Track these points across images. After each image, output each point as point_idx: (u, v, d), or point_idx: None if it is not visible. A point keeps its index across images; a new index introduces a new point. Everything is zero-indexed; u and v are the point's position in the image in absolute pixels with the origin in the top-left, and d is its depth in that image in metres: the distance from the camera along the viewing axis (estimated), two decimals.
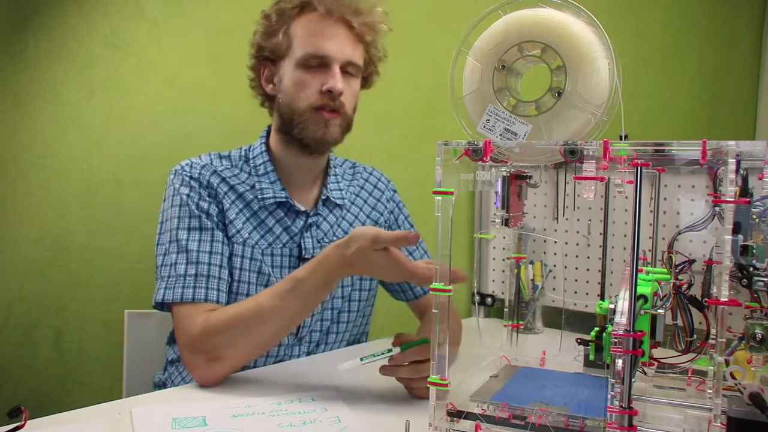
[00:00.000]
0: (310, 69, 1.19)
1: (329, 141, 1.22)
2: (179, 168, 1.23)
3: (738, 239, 0.74)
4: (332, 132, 1.21)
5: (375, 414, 0.97)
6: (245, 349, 1.08)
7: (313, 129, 1.20)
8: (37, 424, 0.89)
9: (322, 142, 1.21)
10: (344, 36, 1.21)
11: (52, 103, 1.70)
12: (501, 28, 0.83)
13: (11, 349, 1.71)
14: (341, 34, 1.20)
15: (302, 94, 1.19)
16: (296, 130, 1.21)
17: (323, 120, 1.20)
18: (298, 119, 1.20)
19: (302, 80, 1.19)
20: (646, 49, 1.80)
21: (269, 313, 1.06)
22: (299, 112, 1.20)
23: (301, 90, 1.19)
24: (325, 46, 1.18)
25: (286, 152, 1.26)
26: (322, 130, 1.20)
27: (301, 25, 1.20)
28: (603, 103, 0.79)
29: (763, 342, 0.72)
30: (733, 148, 0.68)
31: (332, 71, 1.19)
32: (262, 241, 1.22)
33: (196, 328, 1.08)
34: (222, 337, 1.07)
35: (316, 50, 1.18)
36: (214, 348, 1.06)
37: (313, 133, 1.20)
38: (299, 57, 1.19)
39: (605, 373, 0.78)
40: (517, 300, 1.12)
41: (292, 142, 1.24)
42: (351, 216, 1.34)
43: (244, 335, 1.07)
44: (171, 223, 1.18)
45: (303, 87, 1.19)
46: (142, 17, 1.72)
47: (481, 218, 1.80)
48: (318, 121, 1.19)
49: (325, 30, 1.19)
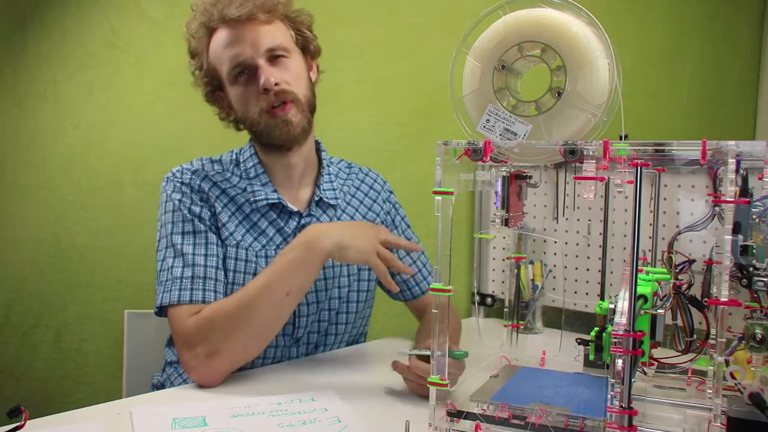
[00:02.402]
0: (241, 79, 1.20)
1: (294, 133, 1.22)
2: (170, 175, 1.24)
3: (738, 239, 0.74)
4: (294, 123, 1.21)
5: (375, 414, 0.97)
6: (242, 339, 1.08)
7: (276, 131, 1.20)
8: (37, 424, 0.89)
9: (288, 138, 1.22)
10: (250, 31, 1.19)
11: (52, 103, 1.70)
12: (501, 28, 0.83)
13: (11, 349, 1.71)
14: (246, 31, 1.19)
15: (248, 106, 1.21)
16: (263, 138, 1.23)
17: (278, 120, 1.20)
18: (258, 128, 1.21)
19: (241, 93, 1.21)
20: (646, 49, 1.80)
21: (259, 296, 1.08)
22: (255, 121, 1.21)
23: (245, 103, 1.21)
24: (238, 52, 1.18)
25: (267, 157, 1.28)
26: (283, 128, 1.20)
27: (213, 47, 1.22)
28: (603, 103, 0.79)
29: (763, 342, 0.72)
30: (733, 148, 0.68)
31: (260, 70, 1.18)
32: (256, 243, 1.22)
33: (190, 324, 1.09)
34: (217, 329, 1.07)
35: (233, 60, 1.19)
36: (210, 341, 1.07)
37: (277, 134, 1.21)
38: (227, 75, 1.21)
39: (605, 373, 0.78)
40: (517, 300, 1.12)
41: (267, 147, 1.26)
42: (346, 217, 1.33)
43: (239, 322, 1.08)
44: (166, 228, 1.19)
45: (245, 99, 1.21)
46: (142, 17, 1.72)
47: (481, 218, 1.80)
48: (275, 123, 1.20)
49: (229, 38, 1.19)
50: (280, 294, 1.09)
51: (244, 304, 1.09)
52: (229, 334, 1.07)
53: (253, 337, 1.10)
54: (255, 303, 1.08)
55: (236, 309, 1.08)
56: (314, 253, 1.10)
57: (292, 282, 1.10)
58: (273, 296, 1.09)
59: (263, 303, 1.09)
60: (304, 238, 1.12)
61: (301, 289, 1.13)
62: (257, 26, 1.19)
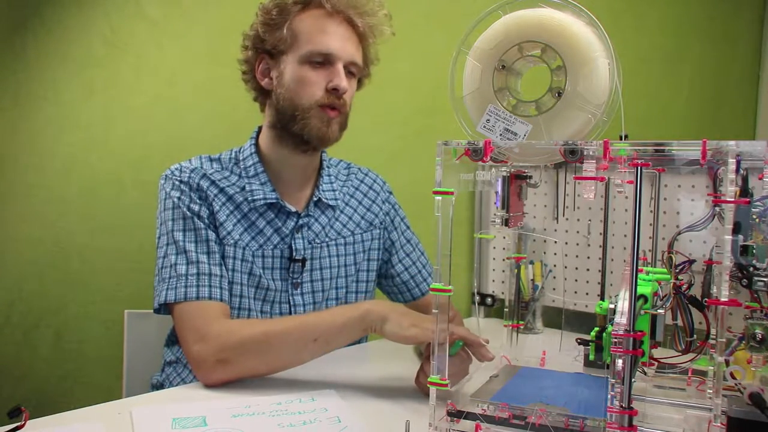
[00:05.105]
0: (314, 66, 1.19)
1: (331, 138, 1.22)
2: (169, 172, 1.24)
3: (738, 239, 0.74)
4: (334, 130, 1.21)
5: (375, 414, 0.97)
6: (254, 362, 1.08)
7: (317, 126, 1.19)
8: (37, 424, 0.89)
9: (324, 139, 1.21)
10: (349, 35, 1.21)
11: (52, 103, 1.70)
12: (501, 28, 0.83)
13: (11, 349, 1.71)
14: (346, 33, 1.20)
15: (307, 91, 1.19)
16: (297, 126, 1.20)
17: (327, 117, 1.20)
18: (301, 115, 1.19)
19: (307, 77, 1.19)
20: (646, 49, 1.80)
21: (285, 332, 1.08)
22: (303, 108, 1.19)
23: (305, 87, 1.19)
24: (332, 44, 1.18)
25: (278, 150, 1.26)
26: (325, 127, 1.20)
27: (306, 21, 1.20)
28: (603, 103, 0.79)
29: (763, 342, 0.72)
30: (733, 148, 0.68)
31: (336, 69, 1.18)
32: (253, 242, 1.22)
33: (214, 330, 1.08)
34: (236, 344, 1.07)
35: (323, 47, 1.18)
36: (225, 350, 1.06)
37: (317, 131, 1.20)
38: (304, 53, 1.18)
39: (605, 373, 0.78)
40: (517, 300, 1.12)
41: (287, 138, 1.23)
42: (345, 217, 1.33)
43: (259, 346, 1.08)
44: (166, 226, 1.19)
45: (307, 84, 1.19)
46: (142, 17, 1.72)
47: (481, 218, 1.80)
48: (322, 118, 1.19)
49: (331, 28, 1.19)
50: (309, 338, 1.08)
51: (271, 332, 1.08)
52: (246, 353, 1.07)
53: (265, 364, 1.10)
54: (280, 335, 1.08)
55: (261, 334, 1.08)
56: (364, 327, 1.08)
57: (329, 334, 1.08)
58: (303, 337, 1.08)
59: (288, 339, 1.08)
60: (368, 311, 1.08)
61: (330, 344, 1.10)
62: (354, 34, 1.21)
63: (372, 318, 1.06)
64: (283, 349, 1.09)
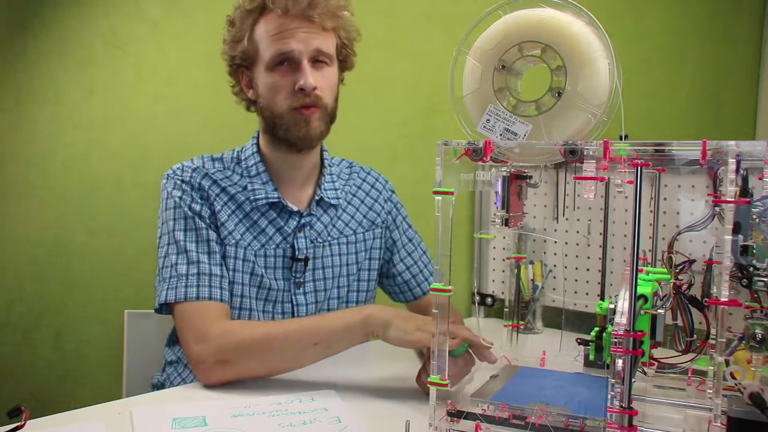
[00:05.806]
0: (279, 69, 1.19)
1: (314, 136, 1.22)
2: (171, 172, 1.24)
3: (738, 239, 0.74)
4: (314, 127, 1.21)
5: (375, 414, 0.97)
6: (255, 364, 1.08)
7: (295, 129, 1.20)
8: (37, 424, 0.89)
9: (307, 139, 1.21)
10: (306, 29, 1.19)
11: (52, 103, 1.70)
12: (501, 28, 0.83)
13: (11, 349, 1.71)
14: (303, 28, 1.19)
15: (278, 98, 1.20)
16: (280, 132, 1.21)
17: (303, 118, 1.19)
18: (279, 122, 1.20)
19: (274, 83, 1.19)
20: (646, 49, 1.80)
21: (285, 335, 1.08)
22: (279, 114, 1.20)
23: (275, 93, 1.20)
24: (288, 44, 1.18)
25: (275, 152, 1.27)
26: (304, 129, 1.20)
27: (263, 28, 1.20)
28: (603, 103, 0.79)
29: (763, 342, 0.72)
30: (733, 148, 0.68)
31: (301, 67, 1.18)
32: (255, 242, 1.22)
33: (214, 330, 1.09)
34: (238, 345, 1.07)
35: (282, 48, 1.18)
36: (225, 351, 1.07)
37: (296, 133, 1.20)
38: (267, 60, 1.19)
39: (605, 373, 0.78)
40: (517, 300, 1.12)
41: (278, 142, 1.24)
42: (347, 216, 1.33)
43: (260, 347, 1.08)
44: (167, 225, 1.19)
45: (277, 90, 1.19)
46: (142, 17, 1.72)
47: (481, 218, 1.80)
48: (298, 121, 1.19)
49: (285, 28, 1.18)
50: (309, 341, 1.08)
51: (272, 334, 1.08)
52: (246, 355, 1.07)
53: (265, 366, 1.10)
54: (281, 338, 1.08)
55: (262, 336, 1.08)
56: (366, 332, 1.08)
57: (330, 338, 1.09)
58: (304, 340, 1.09)
59: (289, 342, 1.08)
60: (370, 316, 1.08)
61: (330, 348, 1.10)
62: (311, 26, 1.19)
63: (374, 323, 1.06)
64: (283, 352, 1.09)
